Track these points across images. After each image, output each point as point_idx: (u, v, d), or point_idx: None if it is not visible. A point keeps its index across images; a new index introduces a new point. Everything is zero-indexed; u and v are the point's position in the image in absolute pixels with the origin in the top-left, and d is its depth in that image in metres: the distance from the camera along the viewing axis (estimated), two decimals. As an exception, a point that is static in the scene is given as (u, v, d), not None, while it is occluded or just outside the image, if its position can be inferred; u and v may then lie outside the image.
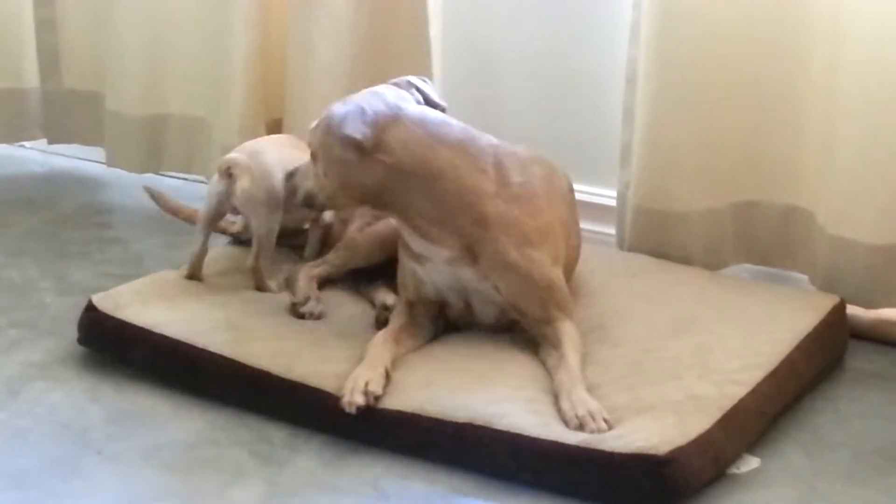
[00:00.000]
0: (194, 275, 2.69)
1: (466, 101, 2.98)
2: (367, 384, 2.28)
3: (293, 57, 3.16)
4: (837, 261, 2.70)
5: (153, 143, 3.41)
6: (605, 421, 2.19)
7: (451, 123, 2.42)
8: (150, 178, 3.50)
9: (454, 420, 2.22)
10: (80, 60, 3.52)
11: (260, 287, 2.66)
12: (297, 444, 2.29)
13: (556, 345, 2.37)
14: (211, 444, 2.29)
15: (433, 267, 2.43)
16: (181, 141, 3.39)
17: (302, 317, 2.55)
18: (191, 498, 2.13)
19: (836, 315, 2.63)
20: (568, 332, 2.40)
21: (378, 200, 2.39)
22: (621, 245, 2.96)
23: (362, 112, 2.33)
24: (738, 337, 2.46)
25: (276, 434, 2.32)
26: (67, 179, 3.63)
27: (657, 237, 2.87)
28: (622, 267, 2.78)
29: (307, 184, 2.44)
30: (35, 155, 3.77)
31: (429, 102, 2.46)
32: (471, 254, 2.39)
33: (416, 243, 2.42)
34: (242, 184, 2.63)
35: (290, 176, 2.51)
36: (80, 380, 2.50)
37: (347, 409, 2.25)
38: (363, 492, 2.16)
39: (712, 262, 2.86)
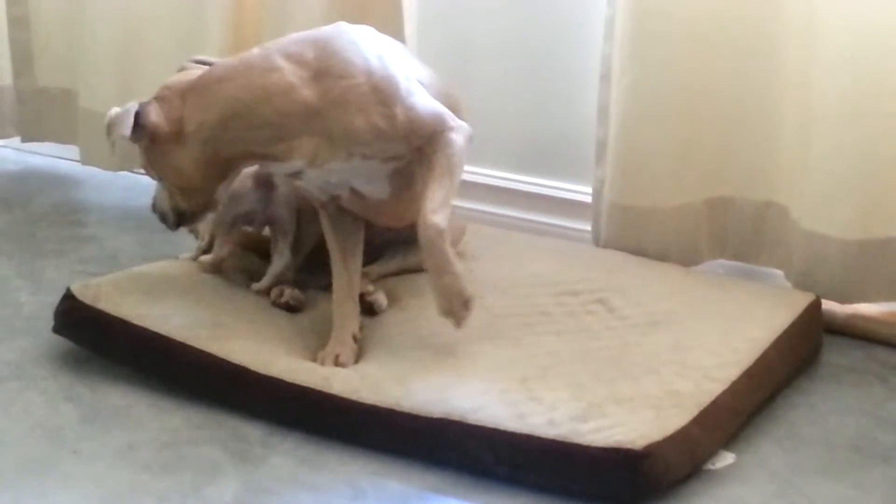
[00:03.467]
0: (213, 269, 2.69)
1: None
2: (337, 357, 2.40)
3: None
4: (812, 256, 2.71)
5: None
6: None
7: (225, 61, 2.42)
8: (125, 176, 3.50)
9: (430, 416, 2.22)
10: (53, 58, 3.52)
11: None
12: (273, 442, 2.29)
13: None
14: (186, 442, 2.29)
15: (305, 177, 2.41)
16: (155, 139, 3.38)
17: (287, 304, 2.57)
18: (166, 496, 2.12)
19: (812, 313, 2.64)
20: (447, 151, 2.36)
21: (222, 167, 2.37)
22: (597, 242, 2.96)
23: (127, 112, 2.37)
24: (715, 334, 2.46)
25: (252, 432, 2.31)
26: (41, 178, 3.62)
27: (633, 233, 2.88)
28: (598, 263, 2.78)
29: (163, 204, 2.46)
30: (9, 153, 3.76)
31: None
32: (325, 146, 2.34)
33: (278, 168, 2.42)
34: (285, 190, 2.62)
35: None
36: (54, 379, 2.49)
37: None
38: (339, 490, 2.15)
39: (687, 258, 2.87)
